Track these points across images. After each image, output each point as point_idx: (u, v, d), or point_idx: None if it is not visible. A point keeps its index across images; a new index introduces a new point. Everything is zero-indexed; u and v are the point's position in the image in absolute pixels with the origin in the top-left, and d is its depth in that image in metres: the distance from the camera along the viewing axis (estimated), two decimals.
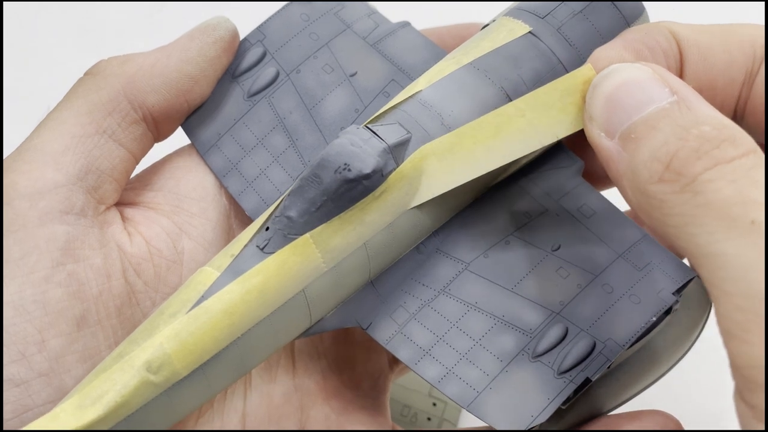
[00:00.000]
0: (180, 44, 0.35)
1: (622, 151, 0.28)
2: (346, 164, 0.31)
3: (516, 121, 0.31)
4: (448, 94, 0.33)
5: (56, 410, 0.29)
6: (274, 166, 0.35)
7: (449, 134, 0.32)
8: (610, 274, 0.32)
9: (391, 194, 0.32)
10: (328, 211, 0.31)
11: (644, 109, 0.28)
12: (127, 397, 0.29)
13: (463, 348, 0.32)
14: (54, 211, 0.32)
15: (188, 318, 0.30)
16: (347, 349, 0.37)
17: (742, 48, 0.32)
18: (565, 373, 0.31)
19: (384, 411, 0.37)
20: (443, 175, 0.32)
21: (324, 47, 0.37)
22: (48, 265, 0.31)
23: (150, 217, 0.35)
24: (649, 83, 0.28)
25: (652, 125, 0.28)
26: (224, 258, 0.31)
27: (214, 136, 0.36)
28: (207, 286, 0.30)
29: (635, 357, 0.34)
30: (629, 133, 0.28)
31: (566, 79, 0.31)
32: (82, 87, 0.34)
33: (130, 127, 0.34)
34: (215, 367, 0.30)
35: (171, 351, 0.29)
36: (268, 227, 0.31)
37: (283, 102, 0.36)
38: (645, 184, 0.27)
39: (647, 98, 0.28)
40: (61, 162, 0.33)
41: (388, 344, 0.33)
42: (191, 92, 0.35)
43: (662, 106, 0.28)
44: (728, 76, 0.32)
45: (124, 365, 0.29)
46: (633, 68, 0.29)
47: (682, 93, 0.28)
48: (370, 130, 0.32)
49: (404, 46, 0.37)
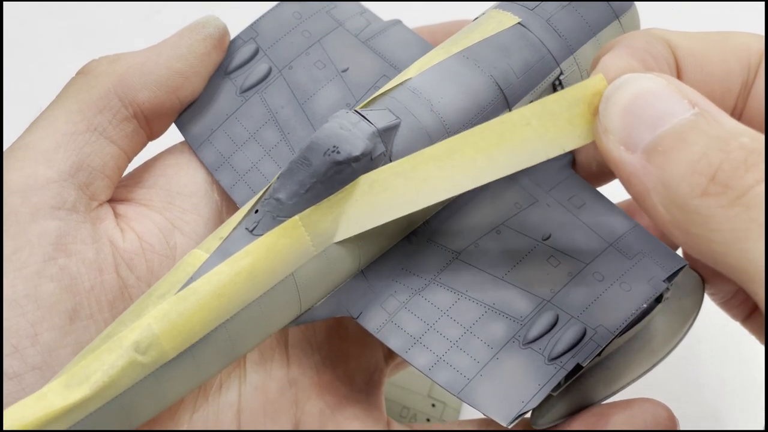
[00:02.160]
0: (170, 42, 0.36)
1: (648, 165, 0.27)
2: (335, 146, 0.31)
3: (521, 130, 0.30)
4: (438, 82, 0.33)
5: (44, 389, 0.29)
6: (266, 160, 0.36)
7: (449, 139, 0.31)
8: (600, 262, 0.32)
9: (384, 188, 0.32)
10: (318, 194, 0.31)
11: (668, 121, 0.27)
12: (115, 377, 0.29)
13: (454, 336, 0.32)
14: (46, 206, 0.32)
15: (177, 299, 0.30)
16: (341, 343, 0.38)
17: (738, 57, 0.31)
18: (555, 359, 0.31)
19: (379, 405, 0.37)
20: (442, 182, 0.31)
21: (316, 44, 0.38)
22: (40, 260, 0.31)
23: (142, 213, 0.35)
24: (667, 94, 0.27)
25: (681, 137, 0.26)
26: (213, 240, 0.32)
27: (206, 131, 0.37)
28: (196, 268, 0.31)
29: (627, 346, 0.34)
30: (655, 147, 0.27)
31: (575, 89, 0.29)
32: (73, 86, 0.35)
33: (121, 124, 0.35)
34: (204, 349, 0.30)
35: (159, 332, 0.29)
36: (257, 210, 0.32)
37: (276, 97, 0.37)
38: (686, 198, 0.26)
39: (668, 110, 0.27)
40: (52, 159, 0.33)
41: (379, 333, 0.33)
42: (182, 89, 0.36)
43: (687, 117, 0.27)
44: (725, 86, 0.31)
45: (112, 345, 0.29)
46: (647, 79, 0.28)
47: (703, 105, 0.27)
48: (360, 114, 0.32)
49: (395, 43, 0.37)
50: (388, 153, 0.32)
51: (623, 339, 0.33)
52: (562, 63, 0.35)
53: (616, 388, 0.34)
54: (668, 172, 0.26)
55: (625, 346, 0.34)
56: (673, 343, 0.35)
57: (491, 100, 0.34)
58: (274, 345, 0.36)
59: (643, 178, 0.27)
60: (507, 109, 0.34)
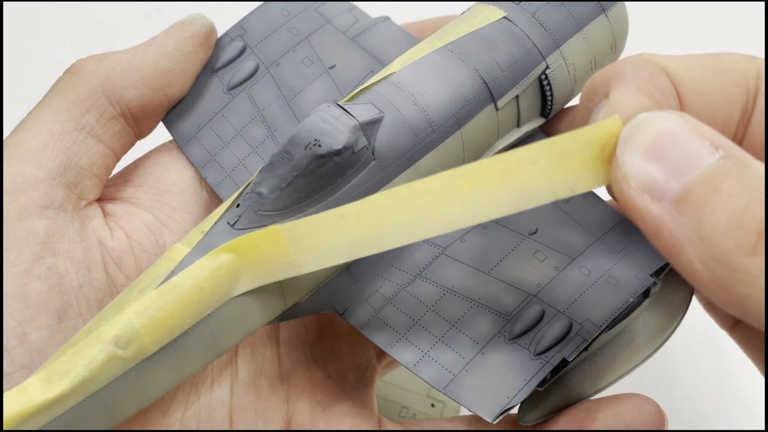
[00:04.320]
0: (156, 41, 0.36)
1: (680, 217, 0.25)
2: (316, 140, 0.31)
3: (526, 167, 0.27)
4: (422, 76, 0.33)
5: (24, 384, 0.29)
6: (253, 156, 0.36)
7: (444, 173, 0.28)
8: (587, 257, 0.32)
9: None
10: (298, 188, 0.31)
11: (695, 166, 0.25)
12: (95, 371, 0.29)
13: (439, 331, 0.32)
14: (33, 206, 0.32)
15: (157, 293, 0.30)
16: (333, 341, 0.38)
17: (735, 82, 0.29)
18: (541, 354, 0.31)
19: (371, 403, 0.37)
20: (436, 216, 0.28)
21: (304, 41, 0.38)
22: (28, 259, 0.31)
23: (131, 211, 0.35)
24: (688, 136, 0.25)
25: (714, 187, 0.24)
26: (195, 235, 0.32)
27: (193, 128, 0.37)
28: (177, 262, 0.31)
29: (615, 342, 0.34)
30: (686, 196, 0.25)
31: (588, 130, 0.27)
32: (60, 85, 0.35)
33: (108, 123, 0.35)
34: (185, 344, 0.30)
35: (140, 326, 0.29)
36: (239, 204, 0.32)
37: (263, 94, 0.37)
38: (731, 256, 0.24)
39: (693, 153, 0.25)
40: (40, 158, 0.33)
41: (364, 329, 0.33)
42: (169, 86, 0.36)
43: (715, 162, 0.25)
44: (726, 113, 0.29)
45: (92, 340, 0.29)
46: (664, 119, 0.26)
47: (726, 146, 0.25)
48: (342, 108, 0.32)
49: (383, 40, 0.37)
50: (371, 147, 0.32)
51: (610, 334, 0.33)
52: (548, 57, 0.35)
53: (603, 384, 0.34)
54: (706, 225, 0.24)
55: (613, 341, 0.34)
56: (662, 339, 0.34)
57: (476, 93, 0.34)
58: (265, 342, 0.36)
59: (675, 230, 0.25)
60: (492, 103, 0.34)
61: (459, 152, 0.34)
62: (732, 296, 0.24)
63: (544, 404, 0.33)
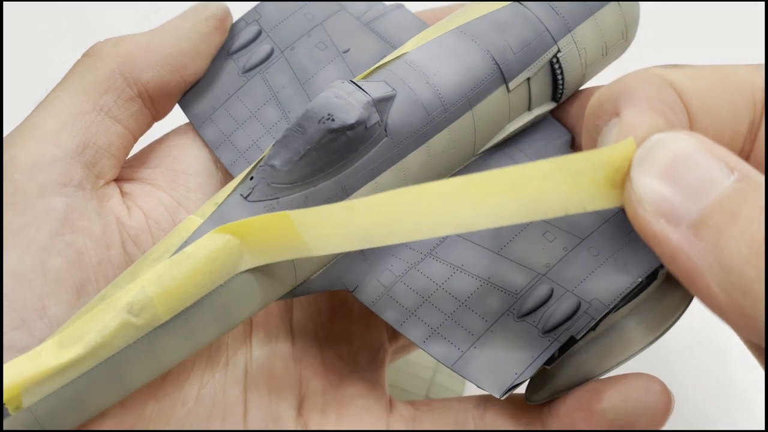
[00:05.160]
0: (173, 23, 0.36)
1: (698, 242, 0.24)
2: (329, 115, 0.31)
3: (537, 182, 0.27)
4: (435, 56, 0.34)
5: (38, 349, 0.29)
6: (266, 137, 0.36)
7: (454, 178, 0.28)
8: (596, 237, 0.33)
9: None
10: (311, 161, 0.31)
11: (711, 189, 0.24)
12: (108, 338, 0.29)
13: (449, 309, 0.32)
14: (53, 183, 0.33)
15: (171, 262, 0.30)
16: (345, 323, 0.38)
17: (743, 96, 0.29)
18: (549, 332, 0.31)
19: (382, 383, 0.38)
20: (446, 217, 0.28)
21: (318, 26, 0.38)
22: (47, 235, 0.32)
23: (148, 191, 0.36)
24: (702, 157, 0.25)
25: (732, 212, 0.24)
26: (209, 206, 0.32)
27: (208, 110, 0.37)
28: (191, 233, 0.31)
29: (624, 322, 0.34)
30: (704, 221, 0.24)
31: (602, 152, 0.26)
32: (78, 68, 0.35)
33: (126, 104, 0.35)
34: (197, 314, 0.31)
35: (153, 294, 0.30)
36: (252, 176, 0.32)
37: (277, 77, 0.37)
38: (753, 284, 0.23)
39: (708, 175, 0.25)
40: (59, 138, 0.34)
41: (374, 306, 0.33)
42: (186, 68, 0.36)
43: (731, 185, 0.24)
44: (734, 128, 0.29)
45: (106, 307, 0.30)
46: (678, 139, 0.25)
47: (741, 168, 0.25)
48: (356, 85, 0.32)
49: (397, 26, 0.38)
50: (383, 123, 0.32)
51: (619, 315, 0.34)
52: (559, 41, 0.35)
53: (611, 365, 0.34)
54: (726, 251, 0.24)
55: (622, 322, 0.34)
56: (672, 319, 0.35)
57: (488, 74, 0.34)
58: (278, 324, 0.37)
59: (693, 256, 0.24)
60: (504, 84, 0.35)
61: (470, 132, 0.34)
62: (753, 322, 0.24)
63: (551, 383, 0.33)
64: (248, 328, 0.36)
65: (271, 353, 0.36)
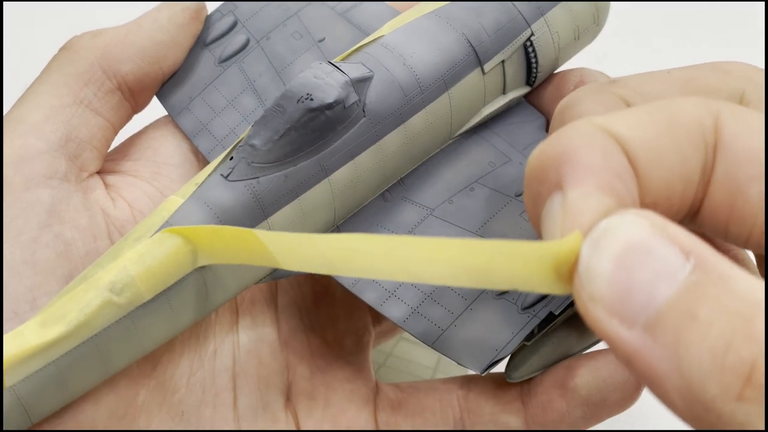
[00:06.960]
0: (149, 15, 0.37)
1: (655, 346, 0.21)
2: (308, 94, 0.32)
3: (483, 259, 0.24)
4: (411, 38, 0.35)
5: (20, 328, 0.29)
6: (243, 125, 0.37)
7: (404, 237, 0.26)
8: None
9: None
10: (291, 140, 0.32)
11: (665, 285, 0.21)
12: (90, 316, 0.29)
13: (428, 288, 0.33)
14: (38, 176, 0.33)
15: (152, 242, 0.30)
16: (329, 308, 0.39)
17: (692, 140, 0.26)
18: (528, 308, 0.32)
19: (368, 367, 0.38)
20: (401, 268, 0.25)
21: (293, 16, 0.39)
22: (35, 227, 0.32)
23: (131, 183, 0.36)
24: (656, 244, 0.22)
25: (690, 313, 0.21)
26: (189, 187, 0.32)
27: (185, 99, 0.38)
28: (171, 213, 0.31)
29: None
30: (660, 323, 0.21)
31: (548, 247, 0.23)
32: (57, 61, 0.36)
33: (106, 96, 0.36)
34: (179, 293, 0.31)
35: (135, 273, 0.30)
36: (233, 156, 0.32)
37: (253, 66, 0.38)
38: (715, 401, 0.20)
39: (663, 267, 0.22)
40: (42, 131, 0.34)
41: (354, 287, 0.33)
42: (164, 59, 0.37)
43: (687, 277, 0.21)
44: (685, 178, 0.26)
45: (88, 286, 0.30)
46: (629, 225, 0.23)
47: (698, 252, 0.22)
48: (334, 65, 0.33)
49: (372, 15, 0.38)
50: (361, 104, 0.33)
51: None
52: (533, 24, 0.36)
53: (591, 341, 0.34)
54: (685, 361, 0.21)
55: None
56: None
57: (463, 56, 0.35)
58: (264, 310, 0.37)
59: (651, 361, 0.21)
60: (479, 66, 0.35)
61: (446, 114, 0.35)
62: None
63: (530, 361, 0.33)
64: (235, 315, 0.37)
65: (258, 340, 0.37)
